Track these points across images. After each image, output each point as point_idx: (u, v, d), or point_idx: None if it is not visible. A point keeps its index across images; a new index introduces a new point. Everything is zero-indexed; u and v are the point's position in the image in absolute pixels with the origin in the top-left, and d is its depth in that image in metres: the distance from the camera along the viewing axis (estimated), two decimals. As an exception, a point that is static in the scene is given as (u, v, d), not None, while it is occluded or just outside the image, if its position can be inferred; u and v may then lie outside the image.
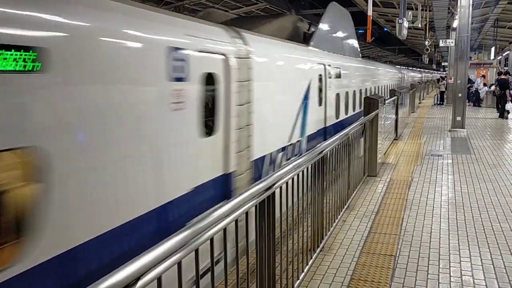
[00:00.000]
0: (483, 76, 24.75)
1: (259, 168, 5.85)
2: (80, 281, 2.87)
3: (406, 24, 13.94)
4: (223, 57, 4.82)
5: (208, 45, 4.55)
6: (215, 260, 2.41)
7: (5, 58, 2.35)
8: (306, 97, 7.88)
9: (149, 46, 3.58)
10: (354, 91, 11.94)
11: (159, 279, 1.85)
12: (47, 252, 2.65)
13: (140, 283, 1.69)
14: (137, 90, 3.43)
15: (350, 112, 11.34)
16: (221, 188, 4.81)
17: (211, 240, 2.32)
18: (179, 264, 2.00)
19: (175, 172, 3.94)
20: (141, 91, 3.48)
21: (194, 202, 4.23)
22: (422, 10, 19.35)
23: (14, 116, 2.46)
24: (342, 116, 10.43)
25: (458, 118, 14.05)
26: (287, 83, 7.20)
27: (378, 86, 16.53)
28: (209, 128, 4.66)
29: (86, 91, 2.91)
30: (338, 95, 10.09)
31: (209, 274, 2.39)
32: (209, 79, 4.54)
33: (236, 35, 5.43)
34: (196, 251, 2.17)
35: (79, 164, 2.87)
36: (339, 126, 9.61)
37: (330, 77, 9.30)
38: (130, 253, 2.16)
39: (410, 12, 17.36)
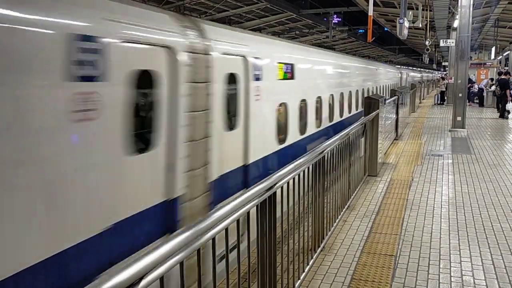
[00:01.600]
0: (491, 79, 24.80)
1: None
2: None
3: (406, 24, 13.92)
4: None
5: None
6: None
7: None
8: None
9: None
10: None
11: (161, 278, 1.86)
12: None
13: (143, 282, 1.70)
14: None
15: None
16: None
17: (213, 240, 2.33)
18: (181, 264, 2.01)
19: None
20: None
21: None
22: (423, 10, 19.32)
23: None
24: None
25: (459, 118, 14.06)
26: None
27: None
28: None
29: None
30: None
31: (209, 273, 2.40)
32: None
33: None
34: (198, 251, 2.18)
35: None
36: None
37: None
38: None
39: (410, 12, 17.35)
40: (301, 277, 3.95)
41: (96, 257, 3.21)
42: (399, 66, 35.65)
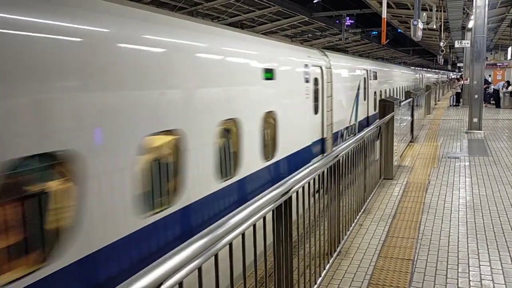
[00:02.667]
0: (508, 82, 24.49)
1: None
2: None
3: (420, 25, 13.79)
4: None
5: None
6: None
7: None
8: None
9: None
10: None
11: (180, 284, 1.88)
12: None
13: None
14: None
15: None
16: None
17: (230, 245, 2.34)
18: (199, 269, 2.03)
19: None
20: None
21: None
22: (437, 11, 19.13)
23: None
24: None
25: (475, 120, 13.88)
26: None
27: None
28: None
29: None
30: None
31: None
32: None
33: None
34: (216, 256, 2.19)
35: None
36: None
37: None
38: None
39: (424, 13, 17.19)
40: (318, 282, 3.94)
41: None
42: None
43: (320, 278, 4.02)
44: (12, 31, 2.83)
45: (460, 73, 45.07)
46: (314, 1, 25.81)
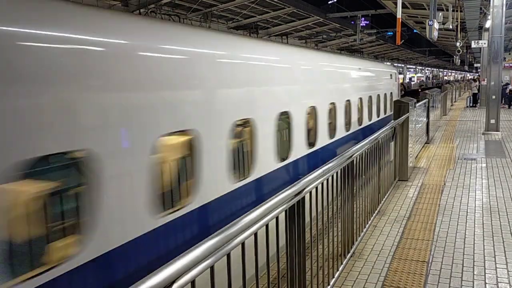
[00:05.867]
0: None
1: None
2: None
3: (436, 25, 13.66)
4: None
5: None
6: None
7: None
8: None
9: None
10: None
11: (192, 282, 1.89)
12: None
13: (175, 286, 1.74)
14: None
15: None
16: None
17: (243, 244, 2.35)
18: (211, 268, 2.04)
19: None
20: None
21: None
22: (453, 11, 18.91)
23: None
24: None
25: (492, 121, 13.69)
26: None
27: None
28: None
29: None
30: None
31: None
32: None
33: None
34: (228, 255, 2.21)
35: None
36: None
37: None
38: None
39: (440, 13, 16.98)
40: (331, 283, 3.93)
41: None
42: None
43: (333, 280, 4.00)
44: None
45: (477, 74, 44.53)
46: (329, 2, 25.72)
